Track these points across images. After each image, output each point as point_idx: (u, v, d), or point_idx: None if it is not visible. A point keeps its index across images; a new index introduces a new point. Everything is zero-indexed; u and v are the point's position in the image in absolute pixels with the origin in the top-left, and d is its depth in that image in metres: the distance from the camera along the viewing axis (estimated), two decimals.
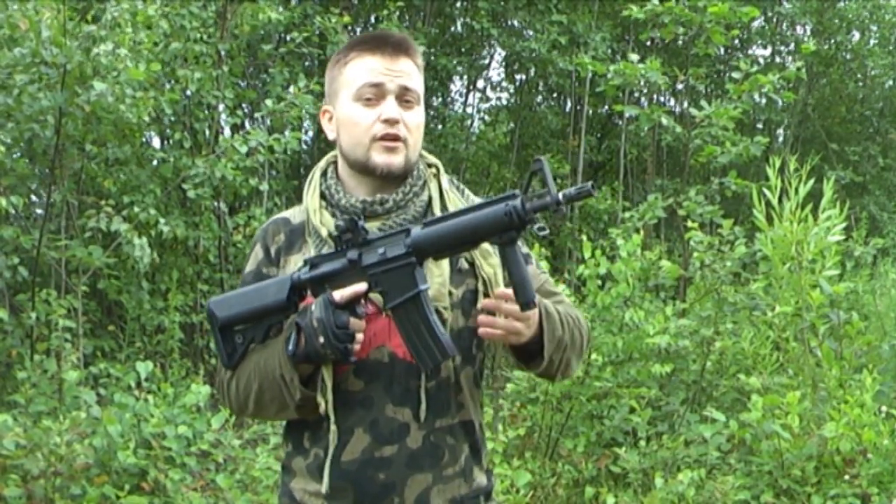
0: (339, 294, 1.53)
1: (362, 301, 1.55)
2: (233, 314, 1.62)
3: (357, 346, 1.55)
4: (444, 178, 1.75)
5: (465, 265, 1.66)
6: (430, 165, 1.76)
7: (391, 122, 1.62)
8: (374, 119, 1.63)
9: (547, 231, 1.50)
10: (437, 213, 1.67)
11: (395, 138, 1.63)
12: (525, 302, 1.48)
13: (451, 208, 1.67)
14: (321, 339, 1.51)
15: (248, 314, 1.61)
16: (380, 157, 1.63)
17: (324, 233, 1.65)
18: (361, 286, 1.54)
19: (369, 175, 1.66)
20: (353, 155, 1.67)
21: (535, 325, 1.56)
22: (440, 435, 1.63)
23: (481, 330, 1.54)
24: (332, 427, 1.60)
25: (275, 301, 1.59)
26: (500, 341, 1.57)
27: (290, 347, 1.55)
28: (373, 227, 1.64)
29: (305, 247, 1.69)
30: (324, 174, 1.74)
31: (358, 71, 1.65)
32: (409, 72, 1.65)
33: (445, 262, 1.64)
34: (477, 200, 1.73)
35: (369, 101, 1.64)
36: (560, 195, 1.43)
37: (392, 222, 1.65)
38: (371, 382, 1.61)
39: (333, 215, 1.67)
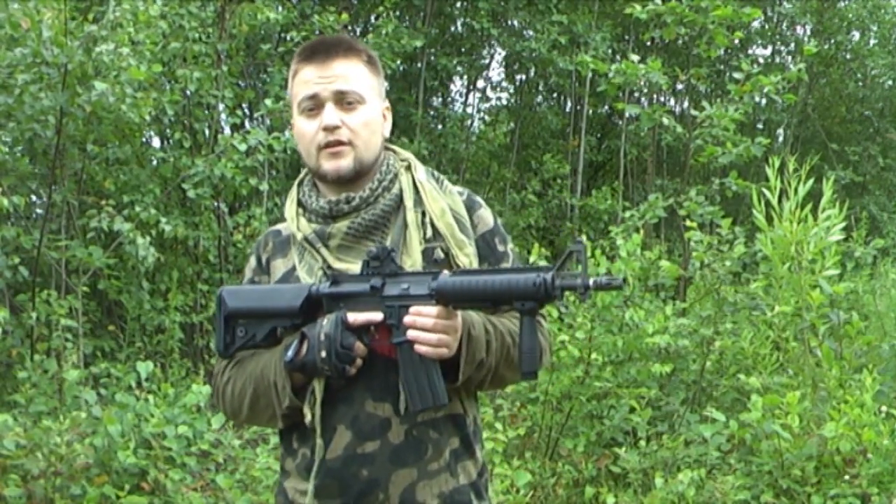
0: (353, 317, 1.56)
1: (371, 329, 1.57)
2: (243, 307, 1.65)
3: (353, 370, 1.57)
4: (421, 171, 1.76)
5: (441, 255, 1.68)
6: (402, 160, 1.78)
7: (329, 129, 1.66)
8: (317, 129, 1.68)
9: (567, 310, 1.55)
10: (410, 205, 1.70)
11: (338, 143, 1.67)
12: (525, 372, 1.51)
13: (427, 200, 1.71)
14: (323, 354, 1.54)
15: (257, 311, 1.64)
16: (327, 164, 1.68)
17: (299, 237, 1.70)
18: (377, 316, 1.56)
19: (324, 181, 1.71)
20: (308, 165, 1.73)
21: (457, 341, 1.58)
22: (423, 429, 1.63)
23: (418, 347, 1.54)
24: (319, 441, 1.61)
25: (288, 306, 1.61)
26: (434, 356, 1.55)
27: (290, 354, 1.57)
28: (342, 225, 1.68)
29: (290, 253, 1.73)
30: (300, 183, 1.79)
31: (297, 84, 1.72)
32: (343, 74, 1.68)
33: (417, 252, 1.66)
34: (454, 190, 1.76)
35: (311, 112, 1.69)
36: (591, 281, 1.45)
37: (361, 219, 1.68)
38: (351, 379, 1.61)
39: (309, 220, 1.72)
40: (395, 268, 1.58)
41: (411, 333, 1.53)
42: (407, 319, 1.54)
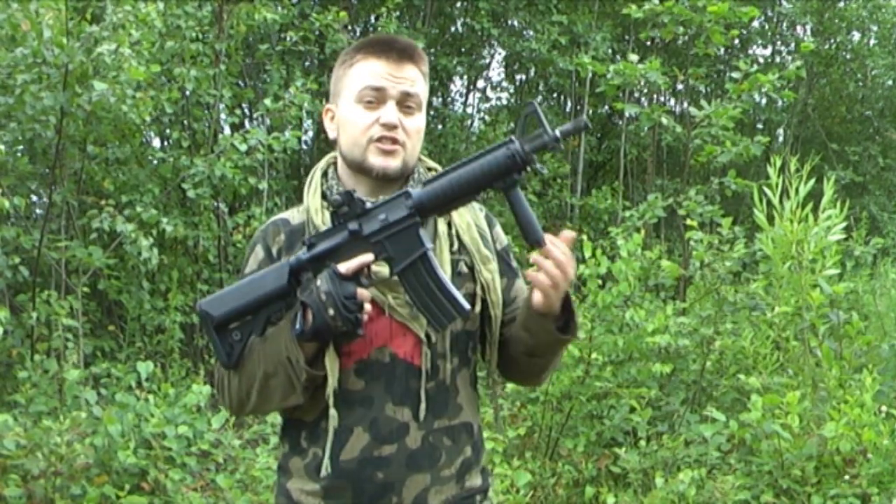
0: (346, 266, 1.53)
1: (366, 271, 1.55)
2: (230, 310, 1.60)
3: (365, 317, 1.55)
4: None
5: (465, 269, 1.68)
6: (430, 169, 1.77)
7: (389, 126, 1.64)
8: (373, 121, 1.65)
9: (546, 171, 1.56)
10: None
11: (393, 141, 1.65)
12: (534, 240, 1.52)
13: (453, 213, 1.69)
14: (331, 311, 1.50)
15: (246, 307, 1.60)
16: (376, 160, 1.65)
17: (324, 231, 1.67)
18: (368, 256, 1.54)
19: (366, 175, 1.68)
20: (350, 155, 1.69)
21: (564, 290, 1.57)
22: (438, 436, 1.64)
23: (537, 277, 1.53)
24: (333, 412, 1.59)
25: (275, 288, 1.58)
26: (545, 292, 1.55)
27: (298, 326, 1.54)
28: None
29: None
30: (324, 174, 1.75)
31: (362, 73, 1.67)
32: (412, 78, 1.67)
33: (448, 263, 1.65)
34: (475, 206, 1.77)
35: (370, 104, 1.66)
36: (557, 132, 1.47)
37: None
38: (372, 382, 1.62)
39: None
40: (361, 206, 1.56)
41: (550, 271, 1.53)
42: (550, 250, 1.53)
